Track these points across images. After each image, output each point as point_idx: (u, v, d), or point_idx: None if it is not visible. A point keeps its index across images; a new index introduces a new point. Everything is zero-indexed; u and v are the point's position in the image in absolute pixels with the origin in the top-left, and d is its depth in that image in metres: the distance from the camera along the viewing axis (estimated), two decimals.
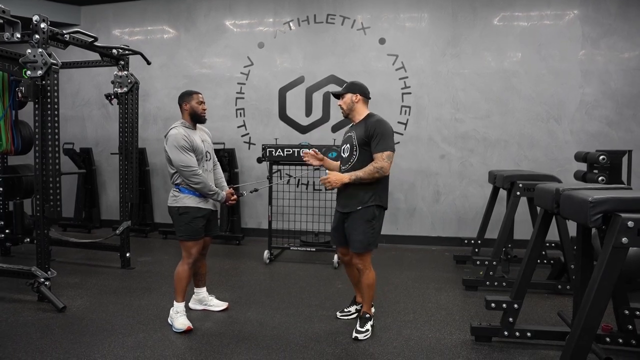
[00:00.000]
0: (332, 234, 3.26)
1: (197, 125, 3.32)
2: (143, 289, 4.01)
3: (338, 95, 3.13)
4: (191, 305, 3.55)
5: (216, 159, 3.47)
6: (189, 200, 3.15)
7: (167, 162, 3.17)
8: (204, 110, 3.27)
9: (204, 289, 3.56)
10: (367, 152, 2.93)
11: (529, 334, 2.89)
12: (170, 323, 3.18)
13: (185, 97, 3.24)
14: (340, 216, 3.09)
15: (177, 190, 3.17)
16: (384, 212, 3.05)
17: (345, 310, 3.41)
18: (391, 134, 2.94)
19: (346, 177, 2.89)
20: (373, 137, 2.90)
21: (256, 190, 3.65)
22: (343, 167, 3.09)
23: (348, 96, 3.05)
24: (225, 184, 3.49)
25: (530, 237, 2.96)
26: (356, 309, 3.38)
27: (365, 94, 3.08)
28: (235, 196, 3.40)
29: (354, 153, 2.98)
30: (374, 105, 5.74)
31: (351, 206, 2.98)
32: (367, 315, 3.11)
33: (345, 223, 3.04)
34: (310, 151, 3.25)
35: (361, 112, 3.07)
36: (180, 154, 3.05)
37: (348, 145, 3.04)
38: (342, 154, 3.14)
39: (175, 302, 3.20)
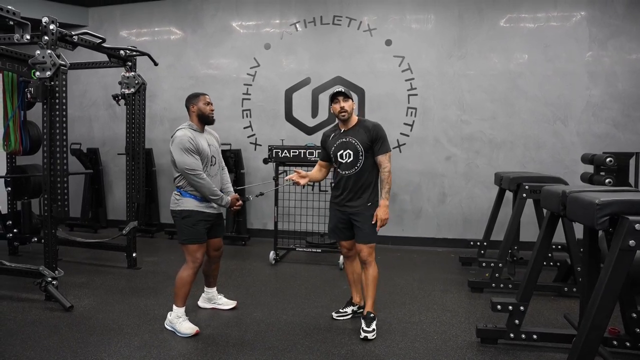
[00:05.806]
0: (334, 231, 3.32)
1: (206, 128, 3.27)
2: (149, 289, 4.04)
3: (337, 96, 3.12)
4: (200, 303, 3.57)
5: (223, 163, 3.41)
6: (191, 204, 3.09)
7: (171, 164, 3.10)
8: (212, 111, 3.22)
9: (214, 288, 3.58)
10: (370, 155, 3.14)
11: (535, 337, 2.88)
12: (170, 328, 3.11)
13: (192, 99, 3.20)
14: (345, 215, 3.21)
15: (179, 193, 3.12)
16: None
17: (341, 310, 3.43)
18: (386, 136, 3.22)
19: (385, 202, 3.11)
20: (376, 140, 3.11)
21: (262, 194, 3.66)
22: (347, 172, 3.14)
23: (351, 102, 3.16)
24: (231, 189, 3.40)
25: (536, 239, 2.95)
26: (352, 310, 3.42)
27: None
28: (240, 202, 3.34)
29: (360, 158, 3.12)
30: (380, 106, 5.87)
31: (360, 206, 3.15)
32: (372, 315, 3.12)
33: (354, 221, 3.17)
34: (293, 175, 3.24)
35: (355, 117, 3.21)
36: (185, 156, 2.99)
37: (349, 151, 3.13)
38: (339, 159, 3.17)
39: (175, 307, 3.12)
